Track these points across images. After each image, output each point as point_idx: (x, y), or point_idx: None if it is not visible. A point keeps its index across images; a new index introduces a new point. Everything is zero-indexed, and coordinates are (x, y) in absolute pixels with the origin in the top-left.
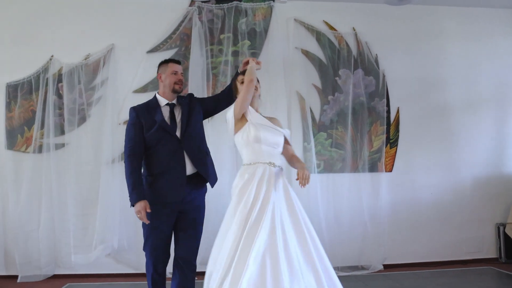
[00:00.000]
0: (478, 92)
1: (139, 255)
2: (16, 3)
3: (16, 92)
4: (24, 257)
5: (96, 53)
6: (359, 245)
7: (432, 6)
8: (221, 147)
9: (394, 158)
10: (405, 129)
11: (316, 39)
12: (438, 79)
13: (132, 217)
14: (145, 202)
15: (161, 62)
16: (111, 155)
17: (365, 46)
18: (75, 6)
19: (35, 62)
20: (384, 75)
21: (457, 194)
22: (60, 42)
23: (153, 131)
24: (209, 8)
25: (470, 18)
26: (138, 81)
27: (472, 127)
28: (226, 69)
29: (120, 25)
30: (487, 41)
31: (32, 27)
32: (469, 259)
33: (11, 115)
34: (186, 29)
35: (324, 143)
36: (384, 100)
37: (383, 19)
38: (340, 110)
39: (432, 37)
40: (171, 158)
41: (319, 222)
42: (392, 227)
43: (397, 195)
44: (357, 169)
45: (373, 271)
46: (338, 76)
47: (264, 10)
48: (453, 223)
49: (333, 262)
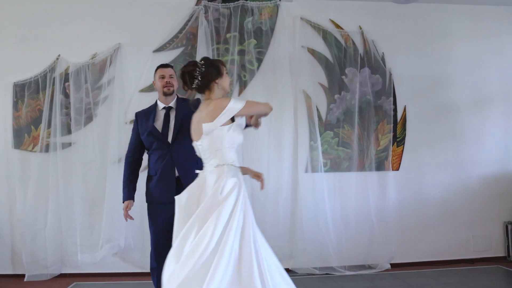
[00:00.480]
0: (485, 90)
1: (145, 254)
2: (23, 3)
3: (23, 91)
4: (31, 256)
5: (102, 53)
6: (366, 244)
7: (438, 4)
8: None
9: (401, 157)
10: (412, 127)
11: (322, 37)
12: (445, 77)
13: (138, 216)
14: (128, 202)
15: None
16: (118, 154)
17: (371, 44)
18: (81, 5)
19: (42, 62)
20: (391, 74)
21: (464, 192)
22: (67, 41)
23: (145, 136)
24: (215, 7)
25: (477, 16)
26: (145, 80)
27: (480, 125)
28: (232, 68)
29: (126, 24)
30: (494, 39)
31: (39, 27)
32: (477, 258)
33: (18, 114)
34: (192, 28)
35: (330, 142)
36: (390, 99)
37: (389, 18)
38: (346, 109)
39: (439, 35)
40: (162, 161)
41: (325, 221)
42: (399, 226)
43: (404, 193)
44: (363, 168)
45: (380, 270)
46: (345, 75)
47: (270, 9)
48: (461, 221)
49: (340, 261)
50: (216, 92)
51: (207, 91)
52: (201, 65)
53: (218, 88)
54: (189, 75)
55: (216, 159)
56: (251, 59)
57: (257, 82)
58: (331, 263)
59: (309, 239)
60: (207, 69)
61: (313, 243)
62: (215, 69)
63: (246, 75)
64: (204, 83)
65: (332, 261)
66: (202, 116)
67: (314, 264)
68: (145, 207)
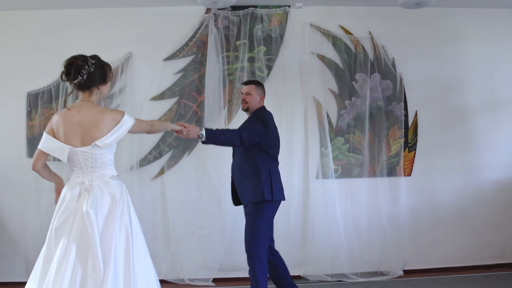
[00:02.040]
0: (497, 94)
1: (157, 262)
2: (36, 14)
3: (37, 100)
4: None
5: (114, 62)
6: (378, 250)
7: (449, 8)
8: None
9: (413, 162)
10: (423, 132)
11: (332, 43)
12: (457, 82)
13: (149, 224)
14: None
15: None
16: (129, 162)
17: (381, 49)
18: (93, 16)
19: (55, 71)
20: (402, 79)
21: (478, 197)
22: (79, 51)
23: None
24: (225, 15)
25: (488, 19)
26: (155, 88)
27: (492, 129)
28: (243, 76)
29: (137, 33)
30: (506, 43)
31: (52, 37)
32: (492, 264)
33: (32, 123)
34: (202, 36)
35: (341, 148)
36: (401, 104)
37: (399, 22)
38: (357, 115)
39: (450, 39)
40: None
41: (337, 228)
42: (411, 232)
43: (416, 199)
44: (375, 174)
45: (393, 277)
46: (355, 81)
47: (280, 16)
48: (475, 227)
49: (352, 268)
50: (94, 96)
51: (87, 92)
52: (91, 63)
53: (97, 93)
54: (75, 70)
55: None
56: (261, 66)
57: (267, 89)
58: (343, 270)
59: (320, 245)
60: (96, 70)
61: (324, 249)
62: (103, 74)
63: None
64: (88, 83)
65: (344, 268)
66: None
67: (326, 271)
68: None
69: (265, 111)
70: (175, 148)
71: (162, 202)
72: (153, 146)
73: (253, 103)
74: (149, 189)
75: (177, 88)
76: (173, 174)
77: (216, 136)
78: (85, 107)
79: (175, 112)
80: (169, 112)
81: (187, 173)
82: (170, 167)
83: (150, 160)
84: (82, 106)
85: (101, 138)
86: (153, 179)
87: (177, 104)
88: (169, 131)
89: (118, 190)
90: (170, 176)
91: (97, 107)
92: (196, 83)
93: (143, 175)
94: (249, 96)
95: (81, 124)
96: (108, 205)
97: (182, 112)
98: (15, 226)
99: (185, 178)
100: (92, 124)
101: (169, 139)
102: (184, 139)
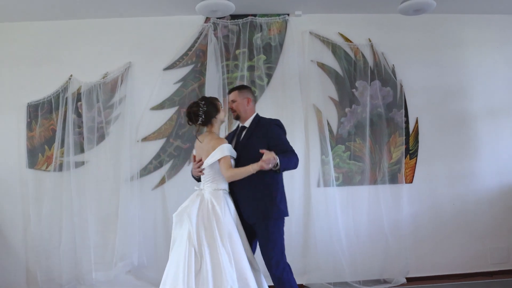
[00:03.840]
0: (498, 99)
1: (159, 271)
2: (36, 25)
3: (37, 111)
4: (46, 274)
5: (113, 72)
6: (380, 258)
7: (448, 15)
8: None
9: (414, 169)
10: (424, 139)
11: (331, 51)
12: (457, 88)
13: (151, 233)
14: None
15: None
16: (130, 172)
17: (381, 56)
18: (92, 26)
19: (54, 82)
20: (402, 85)
21: (480, 203)
22: (79, 62)
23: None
24: (224, 24)
25: (487, 25)
26: (155, 98)
27: (494, 135)
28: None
29: (136, 43)
30: (506, 48)
31: (51, 49)
32: (495, 271)
33: (32, 134)
34: (201, 45)
35: (342, 155)
36: (402, 111)
37: (398, 29)
38: (357, 122)
39: (450, 46)
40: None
41: (339, 236)
42: (414, 239)
43: (418, 206)
44: (376, 181)
45: (395, 284)
46: (355, 88)
47: (279, 24)
48: (477, 233)
49: (355, 276)
50: (215, 125)
51: (209, 125)
52: (202, 105)
53: (217, 122)
54: (194, 114)
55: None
56: (260, 74)
57: (267, 98)
58: (345, 278)
59: (322, 254)
60: (208, 107)
61: (326, 258)
62: (214, 107)
63: (256, 91)
64: (207, 119)
65: (346, 276)
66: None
67: (328, 279)
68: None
69: (266, 118)
70: (175, 158)
71: (162, 212)
72: (154, 156)
73: (241, 108)
74: (150, 199)
75: (177, 98)
76: (174, 183)
77: (285, 165)
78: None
79: (175, 122)
80: (169, 122)
81: (188, 183)
82: (170, 177)
83: (151, 170)
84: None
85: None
86: (153, 189)
87: (177, 114)
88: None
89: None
90: (171, 186)
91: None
92: (196, 92)
93: (144, 185)
94: (235, 103)
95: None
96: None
97: (182, 121)
98: (15, 237)
99: (185, 187)
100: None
101: (170, 149)
102: (184, 149)
